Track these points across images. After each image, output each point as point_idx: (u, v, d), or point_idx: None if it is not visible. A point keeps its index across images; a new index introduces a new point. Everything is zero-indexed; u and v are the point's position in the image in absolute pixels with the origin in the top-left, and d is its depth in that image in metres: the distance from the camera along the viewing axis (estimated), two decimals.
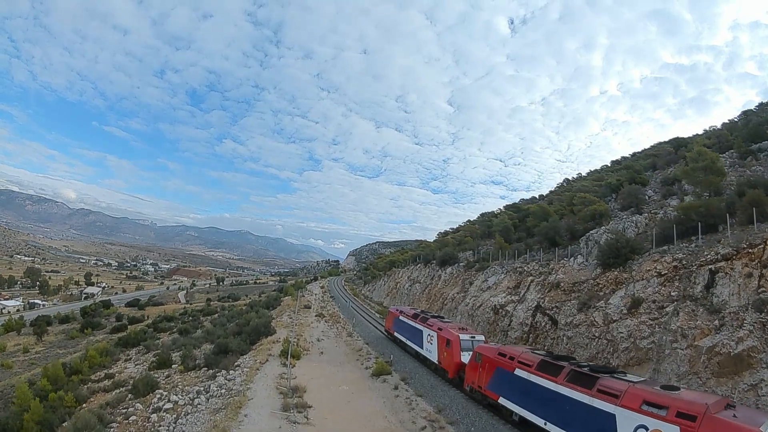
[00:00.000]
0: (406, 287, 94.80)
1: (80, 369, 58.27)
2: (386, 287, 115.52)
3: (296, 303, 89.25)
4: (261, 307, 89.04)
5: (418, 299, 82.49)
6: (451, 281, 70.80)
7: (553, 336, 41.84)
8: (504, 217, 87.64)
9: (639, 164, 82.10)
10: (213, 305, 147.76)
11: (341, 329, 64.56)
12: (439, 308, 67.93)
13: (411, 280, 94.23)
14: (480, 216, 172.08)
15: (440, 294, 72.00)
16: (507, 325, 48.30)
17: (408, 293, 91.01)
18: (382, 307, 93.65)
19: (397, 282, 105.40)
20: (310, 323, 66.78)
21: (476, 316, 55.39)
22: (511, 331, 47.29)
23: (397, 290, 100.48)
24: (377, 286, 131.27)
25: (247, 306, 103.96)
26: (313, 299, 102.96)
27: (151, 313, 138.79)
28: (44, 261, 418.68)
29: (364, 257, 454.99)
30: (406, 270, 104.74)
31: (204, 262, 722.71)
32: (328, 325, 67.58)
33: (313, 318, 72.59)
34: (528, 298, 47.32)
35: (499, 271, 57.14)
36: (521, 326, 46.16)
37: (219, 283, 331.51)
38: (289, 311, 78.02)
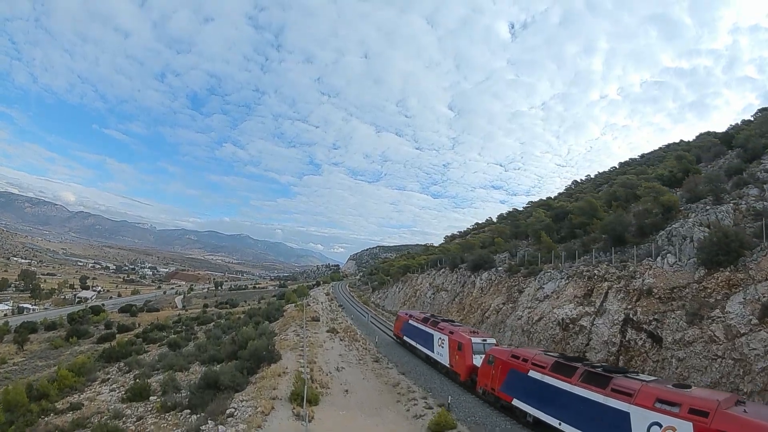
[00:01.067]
0: (428, 295, 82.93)
1: (48, 392, 48.98)
2: (402, 295, 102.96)
3: (302, 314, 75.99)
4: (261, 316, 79.40)
5: (446, 309, 70.81)
6: (491, 289, 60.55)
7: (655, 357, 32.62)
8: (540, 214, 76.97)
9: (688, 156, 72.70)
10: (209, 312, 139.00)
11: (363, 351, 51.41)
12: (478, 321, 57.56)
13: (434, 287, 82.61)
14: (504, 215, 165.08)
15: (477, 304, 61.29)
16: (584, 345, 38.55)
17: (431, 302, 79.30)
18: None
19: (416, 289, 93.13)
20: (322, 342, 52.94)
21: (535, 332, 45.36)
22: (590, 352, 37.56)
23: (417, 298, 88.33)
24: (390, 293, 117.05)
25: (245, 315, 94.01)
26: (320, 309, 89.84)
27: (144, 320, 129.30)
28: (41, 264, 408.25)
29: (365, 261, 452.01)
30: (427, 276, 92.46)
31: (203, 266, 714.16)
32: (344, 344, 54.21)
33: (324, 334, 59.05)
34: (610, 310, 37.93)
35: (558, 277, 47.69)
36: (606, 345, 36.52)
37: (217, 288, 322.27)
38: (295, 325, 64.71)
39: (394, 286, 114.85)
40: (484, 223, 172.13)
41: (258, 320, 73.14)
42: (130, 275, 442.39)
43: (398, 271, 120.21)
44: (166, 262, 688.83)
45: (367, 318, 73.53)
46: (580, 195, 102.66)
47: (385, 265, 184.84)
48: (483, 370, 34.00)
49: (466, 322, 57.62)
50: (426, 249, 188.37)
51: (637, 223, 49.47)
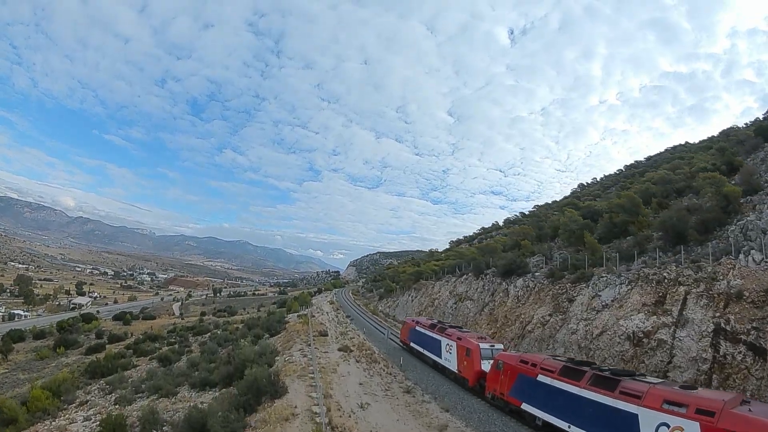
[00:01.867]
0: (449, 305, 72.77)
1: (16, 417, 42.32)
2: (416, 304, 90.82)
3: (307, 327, 66.38)
4: (260, 328, 72.24)
5: (473, 322, 61.65)
6: (530, 298, 52.53)
7: (759, 374, 26.42)
8: (572, 213, 68.79)
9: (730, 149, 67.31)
10: (206, 321, 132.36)
11: (387, 377, 41.12)
12: (516, 336, 49.66)
13: (456, 296, 72.43)
14: (519, 216, 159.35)
15: (514, 316, 52.97)
16: (664, 363, 31.50)
17: (453, 313, 69.32)
18: None
19: (434, 298, 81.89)
20: (335, 365, 42.33)
21: (597, 349, 37.70)
22: (675, 371, 30.56)
23: (435, 308, 77.35)
24: (400, 302, 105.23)
25: (244, 325, 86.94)
26: (326, 320, 79.98)
27: (137, 329, 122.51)
28: (39, 269, 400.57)
29: (365, 268, 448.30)
30: (445, 283, 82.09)
31: (202, 272, 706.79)
32: (362, 367, 43.48)
33: (336, 354, 48.00)
34: (693, 319, 31.25)
35: (616, 282, 40.66)
36: (694, 363, 29.66)
37: (216, 295, 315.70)
38: (299, 341, 54.22)
39: (405, 294, 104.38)
40: (491, 227, 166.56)
41: (257, 332, 66.20)
42: (128, 281, 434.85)
43: (409, 278, 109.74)
44: (165, 268, 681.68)
45: (386, 334, 62.54)
46: (589, 197, 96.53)
47: (390, 272, 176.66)
48: (492, 376, 34.10)
49: (501, 337, 50.56)
50: (431, 254, 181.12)
51: (698, 217, 43.38)
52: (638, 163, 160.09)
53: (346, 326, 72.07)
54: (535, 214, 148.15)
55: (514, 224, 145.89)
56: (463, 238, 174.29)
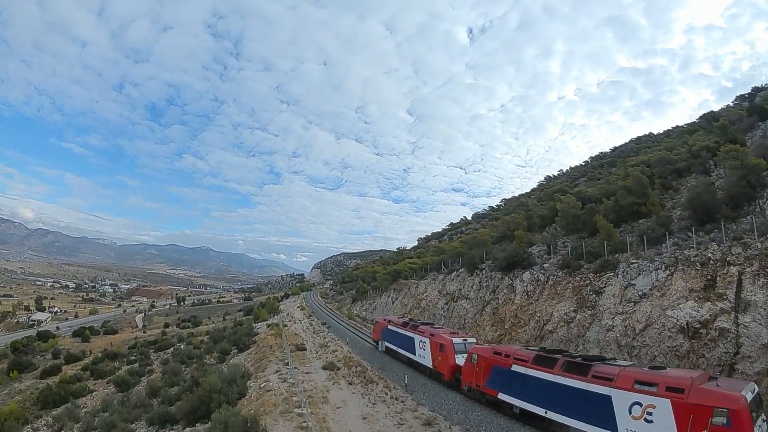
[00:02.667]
0: (440, 306, 65.28)
1: None
2: (397, 306, 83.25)
3: (281, 340, 56.69)
4: (228, 340, 66.66)
5: (472, 323, 54.97)
6: (544, 293, 46.78)
7: None
8: (570, 199, 63.06)
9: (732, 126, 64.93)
10: (169, 333, 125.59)
11: (394, 403, 33.42)
12: (533, 337, 43.79)
13: (447, 295, 65.07)
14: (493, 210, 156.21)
15: (527, 315, 46.86)
16: (730, 354, 27.78)
17: (446, 315, 62.20)
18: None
19: (419, 299, 73.63)
20: (323, 390, 34.58)
21: (642, 346, 33.33)
22: (743, 362, 26.95)
23: (423, 310, 69.49)
24: (378, 304, 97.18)
25: (209, 338, 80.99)
26: (300, 330, 71.43)
27: (97, 346, 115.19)
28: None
29: (330, 269, 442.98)
30: (432, 282, 74.02)
31: (165, 281, 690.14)
32: (358, 391, 35.49)
33: (321, 374, 39.98)
34: (755, 301, 27.97)
35: (650, 267, 36.53)
36: (765, 351, 26.25)
37: (179, 304, 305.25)
38: (274, 358, 44.44)
39: (384, 296, 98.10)
40: (460, 223, 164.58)
41: (224, 347, 60.61)
42: (89, 293, 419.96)
43: (385, 278, 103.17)
44: (128, 278, 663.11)
45: (379, 346, 53.60)
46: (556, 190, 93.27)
47: (359, 272, 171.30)
48: (467, 369, 34.70)
49: (513, 339, 45.66)
50: (399, 253, 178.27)
51: (725, 193, 40.93)
52: (603, 155, 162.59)
53: (324, 336, 65.24)
54: (504, 208, 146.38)
55: (484, 218, 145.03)
56: (432, 234, 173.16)
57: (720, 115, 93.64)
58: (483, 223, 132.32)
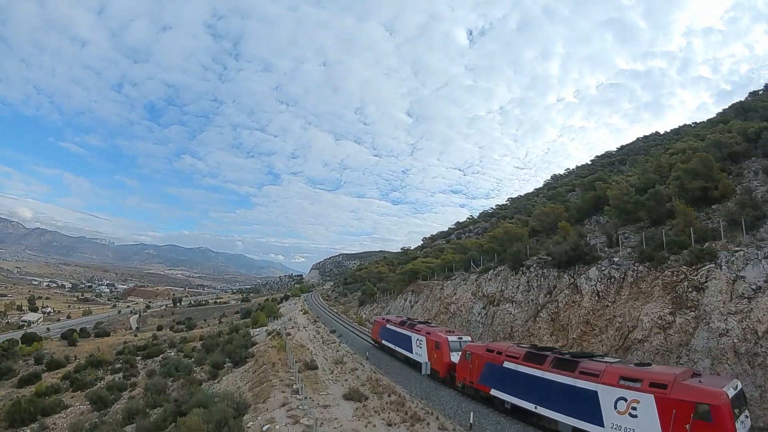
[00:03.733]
0: (475, 311, 54.51)
1: None
2: (417, 309, 71.28)
3: (287, 355, 44.82)
4: (221, 352, 57.73)
5: (524, 331, 45.02)
6: (622, 292, 36.90)
7: None
8: (622, 185, 53.80)
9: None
10: (161, 338, 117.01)
11: None
12: (615, 348, 34.26)
13: (485, 298, 53.94)
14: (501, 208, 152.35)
15: (603, 320, 37.18)
16: None
17: (485, 321, 51.49)
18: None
19: (447, 302, 61.65)
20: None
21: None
22: None
23: (453, 315, 58.59)
24: (393, 307, 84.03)
25: (202, 347, 72.24)
26: (307, 339, 60.42)
27: (84, 350, 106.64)
28: None
29: (329, 270, 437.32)
30: (462, 283, 61.84)
31: (163, 281, 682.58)
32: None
33: (345, 408, 29.27)
34: None
35: (758, 255, 29.20)
36: None
37: (175, 305, 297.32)
38: (278, 382, 33.47)
39: (399, 299, 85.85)
40: (467, 222, 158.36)
41: (217, 360, 51.86)
42: (85, 294, 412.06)
43: (400, 278, 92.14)
44: (125, 279, 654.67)
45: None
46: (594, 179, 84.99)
47: (363, 273, 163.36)
48: (461, 366, 34.93)
49: (592, 350, 35.54)
50: (405, 253, 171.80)
51: None
52: (609, 153, 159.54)
53: (336, 348, 55.53)
54: (512, 206, 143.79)
55: (492, 217, 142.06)
56: (438, 234, 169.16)
57: (750, 104, 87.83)
58: (492, 222, 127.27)
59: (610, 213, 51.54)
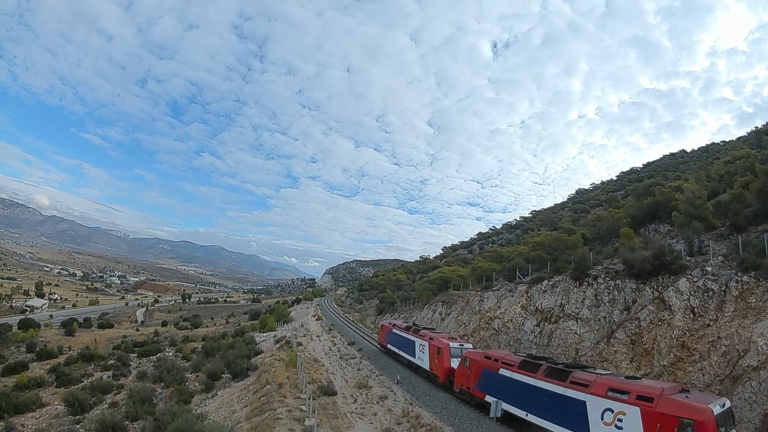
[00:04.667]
0: (527, 328, 44.82)
1: None
2: (450, 323, 60.89)
3: (296, 372, 36.72)
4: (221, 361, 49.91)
5: (595, 356, 35.25)
6: (725, 308, 28.40)
7: None
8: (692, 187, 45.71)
9: None
10: (163, 334, 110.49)
11: None
12: (720, 377, 25.94)
13: (539, 313, 44.19)
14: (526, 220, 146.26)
15: (704, 343, 28.07)
16: None
17: (542, 342, 42.02)
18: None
19: (490, 317, 51.21)
20: None
21: None
22: None
23: (498, 332, 48.72)
24: (421, 318, 71.64)
25: (202, 350, 64.78)
26: (321, 352, 51.83)
27: (80, 341, 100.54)
28: (4, 267, 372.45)
29: (342, 276, 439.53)
30: (507, 294, 51.27)
31: (175, 277, 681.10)
32: None
33: None
34: None
35: None
36: None
37: (184, 301, 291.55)
38: (285, 412, 25.10)
39: (426, 309, 74.52)
40: (490, 233, 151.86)
41: (215, 369, 44.04)
42: (94, 283, 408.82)
43: (426, 287, 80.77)
44: (137, 271, 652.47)
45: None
46: (650, 183, 76.83)
47: (379, 280, 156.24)
48: (459, 371, 35.00)
49: (690, 380, 26.99)
50: (423, 261, 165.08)
51: None
52: (635, 169, 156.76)
53: (358, 366, 46.14)
54: (538, 219, 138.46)
55: (517, 229, 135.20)
56: (460, 243, 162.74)
57: None
58: (516, 234, 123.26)
59: (680, 219, 43.72)
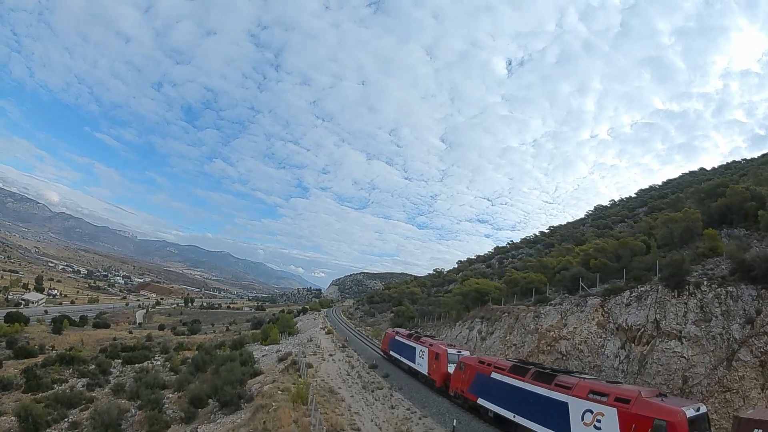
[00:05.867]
0: (609, 351, 33.81)
1: None
2: (495, 342, 50.00)
3: (311, 410, 27.89)
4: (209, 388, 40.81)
5: (714, 386, 25.24)
6: None
7: None
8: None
9: None
10: (158, 339, 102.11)
11: None
12: None
13: (622, 331, 33.37)
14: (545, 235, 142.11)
15: None
16: None
17: (632, 369, 31.07)
18: None
19: (554, 337, 40.06)
20: None
21: None
22: None
23: (566, 356, 37.71)
24: (450, 336, 61.74)
25: (192, 362, 55.72)
26: (336, 375, 44.26)
27: (67, 341, 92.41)
28: (8, 259, 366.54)
29: (348, 287, 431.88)
30: (575, 309, 40.15)
31: (180, 280, 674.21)
32: None
33: None
34: None
35: None
36: None
37: (186, 305, 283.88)
38: None
39: (458, 326, 62.99)
40: (508, 247, 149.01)
41: (200, 394, 34.67)
42: (97, 282, 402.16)
43: (457, 300, 68.90)
44: (142, 273, 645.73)
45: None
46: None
47: (392, 292, 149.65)
48: (455, 376, 36.24)
49: None
50: (438, 274, 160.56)
51: None
52: (654, 187, 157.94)
53: (390, 401, 36.54)
54: (559, 233, 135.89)
55: (536, 243, 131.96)
56: (477, 257, 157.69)
57: None
58: (537, 248, 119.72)
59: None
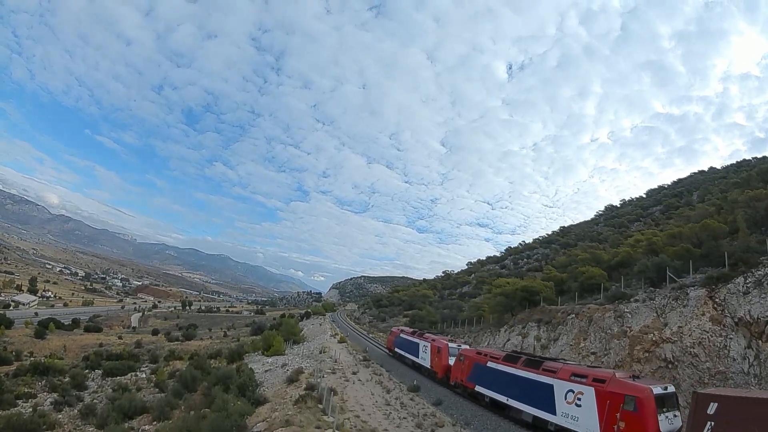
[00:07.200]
0: (734, 352, 26.14)
1: None
2: (565, 349, 40.34)
3: None
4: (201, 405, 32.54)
5: None
6: None
7: None
8: None
9: None
10: (147, 345, 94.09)
11: None
12: None
13: (746, 325, 25.65)
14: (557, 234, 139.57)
15: None
16: None
17: (764, 374, 23.93)
18: None
19: (652, 341, 31.03)
20: None
21: None
22: None
23: (673, 363, 29.22)
24: (492, 344, 53.82)
25: (180, 377, 47.19)
26: (372, 407, 30.22)
27: (49, 347, 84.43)
28: (5, 260, 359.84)
29: (348, 291, 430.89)
30: (675, 304, 31.10)
31: (179, 283, 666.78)
32: None
33: None
34: None
35: None
36: None
37: (184, 308, 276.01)
38: None
39: (504, 332, 53.74)
40: (521, 247, 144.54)
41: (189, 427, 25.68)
42: (94, 284, 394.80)
43: (500, 302, 58.41)
44: (141, 276, 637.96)
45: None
46: None
47: (402, 295, 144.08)
48: (455, 367, 39.15)
49: None
50: (447, 277, 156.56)
51: None
52: (663, 186, 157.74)
53: None
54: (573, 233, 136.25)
55: (551, 243, 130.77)
56: (487, 258, 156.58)
57: None
58: (552, 248, 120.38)
59: None
